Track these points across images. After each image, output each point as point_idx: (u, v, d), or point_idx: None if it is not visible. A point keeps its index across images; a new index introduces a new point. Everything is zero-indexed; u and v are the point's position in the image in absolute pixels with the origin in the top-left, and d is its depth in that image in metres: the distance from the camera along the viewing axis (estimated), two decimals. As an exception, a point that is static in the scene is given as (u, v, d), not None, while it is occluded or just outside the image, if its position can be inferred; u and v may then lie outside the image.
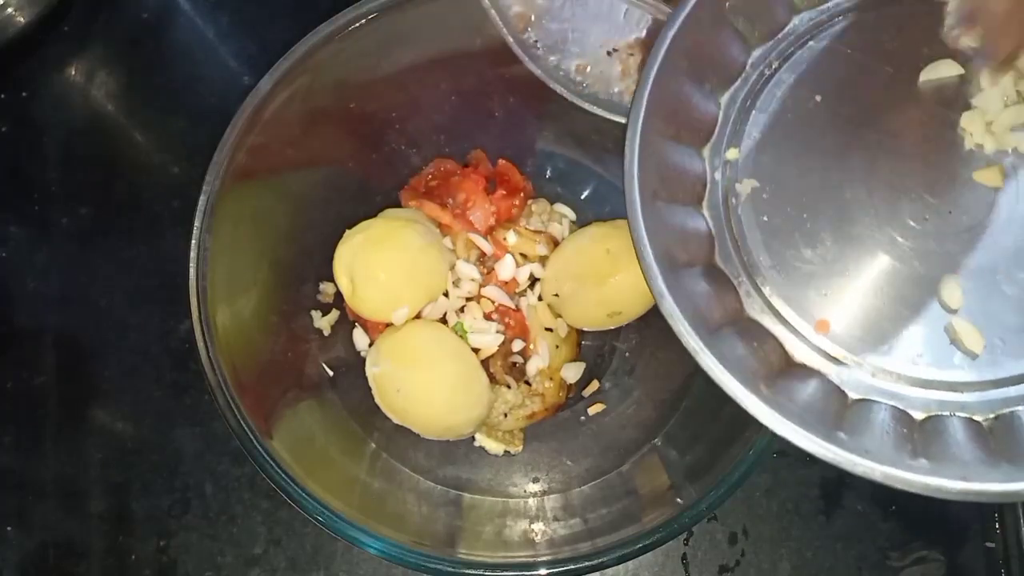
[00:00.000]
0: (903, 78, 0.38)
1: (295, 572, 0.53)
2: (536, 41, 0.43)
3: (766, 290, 0.37)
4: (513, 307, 0.51)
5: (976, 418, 0.34)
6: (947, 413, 0.35)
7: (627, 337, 0.55)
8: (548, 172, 0.57)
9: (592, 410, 0.53)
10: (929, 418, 0.35)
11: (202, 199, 0.44)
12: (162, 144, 0.62)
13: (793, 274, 0.37)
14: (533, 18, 0.43)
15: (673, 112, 0.38)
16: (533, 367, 0.51)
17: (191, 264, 0.43)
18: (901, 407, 0.35)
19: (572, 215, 0.56)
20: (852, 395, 0.36)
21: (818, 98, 0.39)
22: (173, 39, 0.63)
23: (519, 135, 0.56)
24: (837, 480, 0.54)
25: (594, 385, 0.54)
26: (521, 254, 0.53)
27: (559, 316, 0.52)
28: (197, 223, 0.44)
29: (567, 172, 0.57)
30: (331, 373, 0.52)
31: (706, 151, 0.40)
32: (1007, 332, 0.35)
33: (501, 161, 0.55)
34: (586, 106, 0.43)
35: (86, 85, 0.62)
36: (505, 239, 0.52)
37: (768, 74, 0.40)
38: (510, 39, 0.42)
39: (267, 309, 0.50)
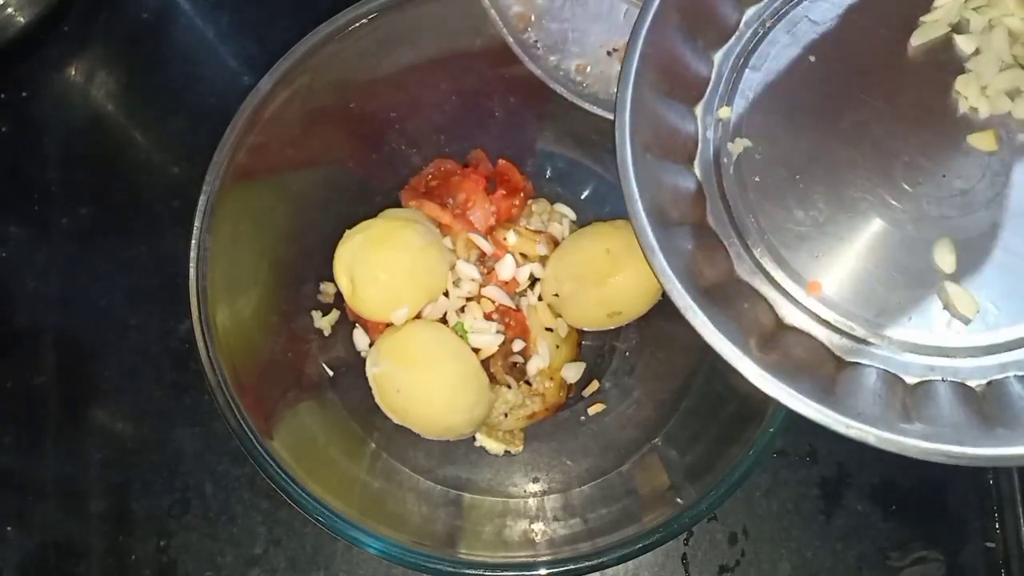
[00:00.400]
0: (899, 40, 0.38)
1: (295, 572, 0.53)
2: (536, 41, 0.43)
3: (757, 251, 0.37)
4: (513, 307, 0.51)
5: (969, 383, 0.34)
6: (939, 378, 0.35)
7: (627, 337, 0.55)
8: (548, 172, 0.57)
9: (592, 410, 0.53)
10: (921, 383, 0.35)
11: (202, 199, 0.44)
12: (162, 144, 0.62)
13: (785, 235, 0.37)
14: (533, 18, 0.43)
15: (665, 68, 0.38)
16: (533, 367, 0.51)
17: (191, 264, 0.43)
18: (893, 371, 0.35)
19: (572, 215, 0.56)
20: (844, 358, 0.35)
21: (812, 58, 0.39)
22: (173, 39, 0.63)
23: (519, 135, 0.56)
24: (837, 480, 0.54)
25: (594, 385, 0.54)
26: (521, 254, 0.53)
27: (559, 316, 0.52)
28: (197, 223, 0.44)
29: (567, 172, 0.57)
30: (331, 373, 0.52)
31: (698, 109, 0.39)
32: (1000, 297, 0.35)
33: (501, 161, 0.55)
34: (586, 106, 0.43)
35: (86, 85, 0.62)
36: (505, 239, 0.52)
37: (762, 33, 0.40)
38: (510, 39, 0.42)
39: (267, 309, 0.50)
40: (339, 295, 0.51)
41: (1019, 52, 0.37)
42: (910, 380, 0.35)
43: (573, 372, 0.52)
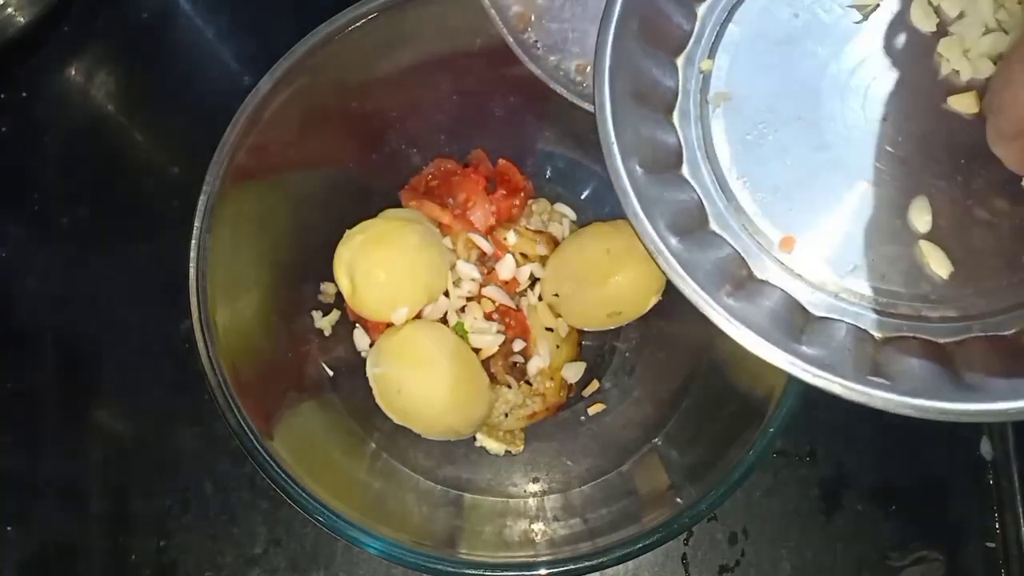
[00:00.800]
0: (883, 1, 0.38)
1: (295, 572, 0.53)
2: (536, 41, 0.43)
3: (732, 203, 0.37)
4: (514, 307, 0.51)
5: (939, 341, 0.34)
6: (910, 335, 0.34)
7: (627, 337, 0.55)
8: (548, 172, 0.57)
9: (592, 410, 0.53)
10: (891, 339, 0.34)
11: (202, 199, 0.44)
12: (162, 144, 0.62)
13: (760, 189, 0.37)
14: (533, 18, 0.43)
15: (648, 17, 0.37)
16: (534, 367, 0.51)
17: (191, 264, 0.44)
18: (863, 327, 0.35)
19: (572, 215, 0.56)
20: (815, 312, 0.35)
21: (796, 15, 0.38)
22: (173, 39, 0.63)
23: (519, 135, 0.56)
24: (837, 480, 0.54)
25: (594, 385, 0.54)
26: (521, 254, 0.53)
27: (559, 316, 0.52)
28: (197, 223, 0.44)
29: (567, 172, 0.57)
30: (331, 373, 0.52)
31: (680, 60, 0.39)
32: (975, 256, 0.35)
33: (501, 161, 0.55)
34: (586, 106, 0.43)
35: (86, 85, 0.62)
36: (505, 239, 0.53)
37: None
38: (510, 39, 0.42)
39: (267, 309, 0.50)
40: (340, 295, 0.51)
41: (1003, 17, 0.37)
42: (880, 336, 0.35)
43: (574, 372, 0.52)
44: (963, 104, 0.36)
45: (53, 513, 0.54)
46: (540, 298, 0.52)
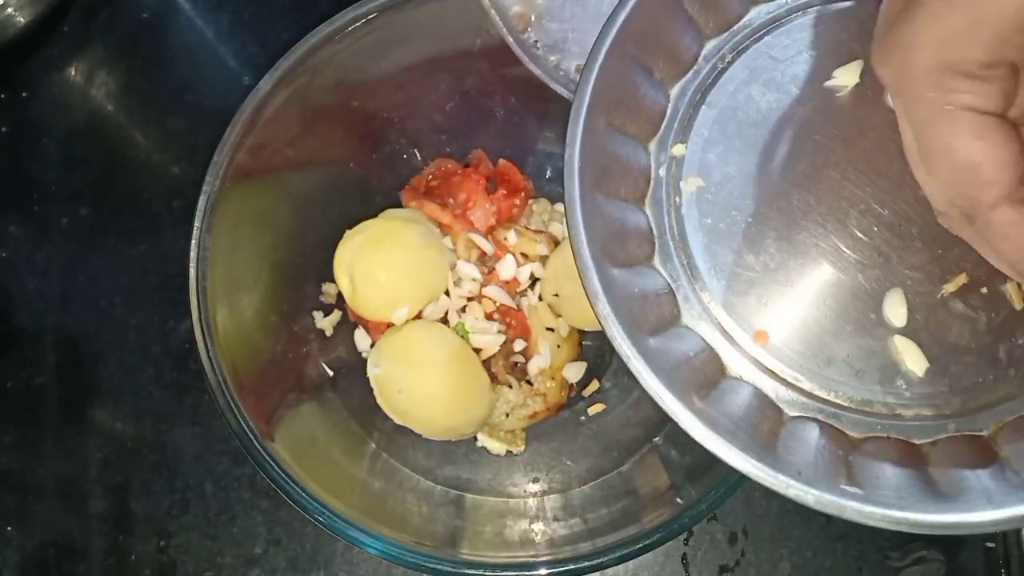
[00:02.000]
0: (861, 80, 0.37)
1: (295, 572, 0.53)
2: (536, 41, 0.43)
3: (705, 296, 0.36)
4: (514, 307, 0.51)
5: (915, 441, 0.33)
6: (885, 435, 0.34)
7: (627, 337, 0.55)
8: (549, 172, 0.57)
9: (592, 410, 0.53)
10: (867, 439, 0.34)
11: (202, 199, 0.44)
12: (162, 144, 0.62)
13: (734, 281, 0.35)
14: (533, 18, 0.43)
15: (620, 101, 0.36)
16: (535, 367, 0.51)
17: (191, 264, 0.43)
18: (838, 426, 0.34)
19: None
20: (788, 411, 0.34)
21: (770, 97, 0.37)
22: (173, 39, 0.63)
23: (520, 135, 0.56)
24: (837, 480, 0.54)
25: (594, 385, 0.54)
26: (522, 254, 0.53)
27: (560, 316, 0.52)
28: (197, 223, 0.44)
29: (567, 172, 0.57)
30: (331, 373, 0.52)
31: (652, 145, 0.38)
32: (950, 352, 0.34)
33: (502, 161, 0.55)
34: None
35: (86, 85, 0.62)
36: (506, 239, 0.52)
37: (721, 68, 0.38)
38: (510, 39, 0.42)
39: (267, 309, 0.50)
40: (341, 296, 0.51)
41: None
42: (855, 435, 0.34)
43: (574, 372, 0.52)
44: None
45: (53, 513, 0.54)
46: (540, 298, 0.52)
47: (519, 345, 0.51)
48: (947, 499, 0.30)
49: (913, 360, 0.34)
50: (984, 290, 0.34)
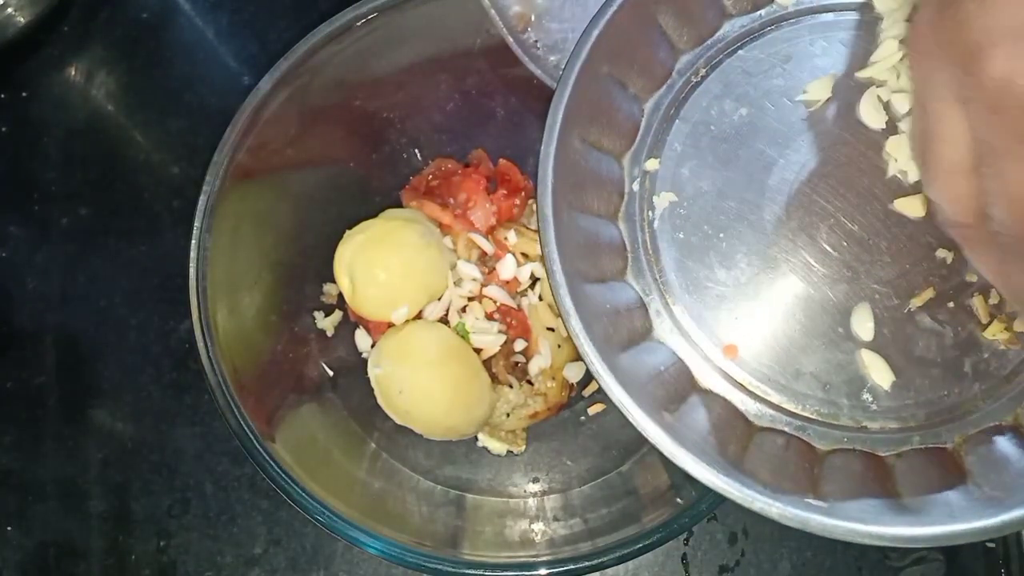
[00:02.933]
0: (833, 95, 0.37)
1: (295, 572, 0.53)
2: (536, 41, 0.43)
3: (676, 310, 0.36)
4: (515, 307, 0.51)
5: (880, 454, 0.34)
6: (851, 447, 0.34)
7: (627, 337, 0.55)
8: (548, 172, 0.57)
9: (592, 410, 0.53)
10: (833, 451, 0.34)
11: (202, 199, 0.44)
12: (162, 144, 0.62)
13: (705, 295, 0.36)
14: (533, 18, 0.43)
15: (594, 116, 0.37)
16: (535, 366, 0.51)
17: (191, 264, 0.43)
18: (805, 438, 0.34)
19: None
20: (757, 423, 0.35)
21: (743, 111, 0.38)
22: (173, 39, 0.63)
23: (520, 135, 0.56)
24: (837, 480, 0.54)
25: (594, 385, 0.54)
26: (522, 253, 0.53)
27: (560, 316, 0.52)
28: (197, 223, 0.44)
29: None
30: (331, 373, 0.52)
31: (625, 160, 0.38)
32: (918, 367, 0.34)
33: (502, 160, 0.55)
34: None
35: (86, 85, 0.62)
36: (506, 238, 0.52)
37: (695, 82, 0.39)
38: (510, 39, 0.42)
39: (268, 309, 0.50)
40: (342, 296, 0.51)
41: None
42: (822, 447, 0.34)
43: (575, 371, 0.52)
44: (909, 207, 0.35)
45: (53, 513, 0.54)
46: (541, 298, 0.52)
47: (520, 345, 0.51)
48: (911, 512, 0.30)
49: (880, 374, 0.34)
50: (951, 304, 0.35)
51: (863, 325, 0.35)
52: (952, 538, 0.29)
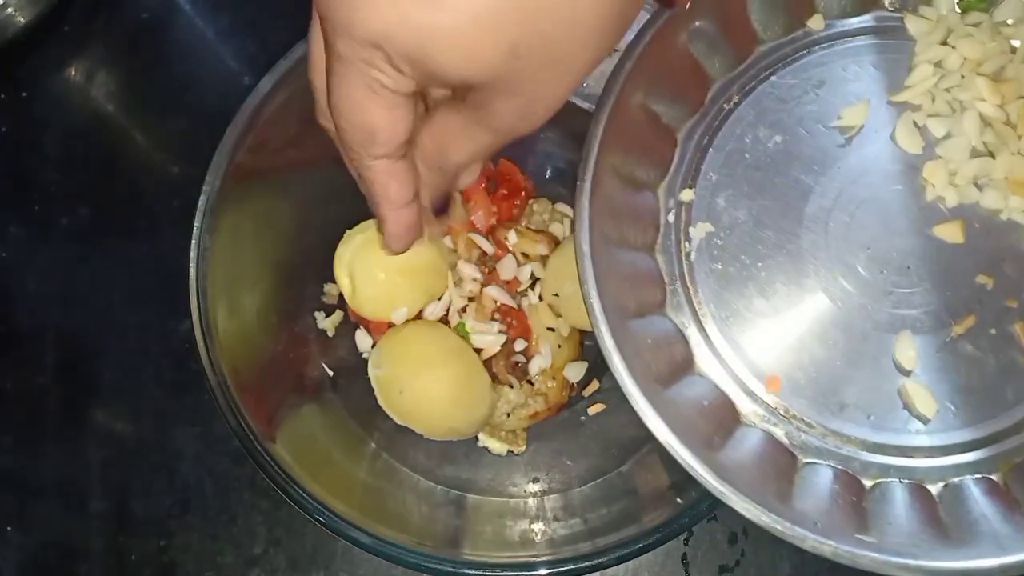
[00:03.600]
0: (868, 121, 0.37)
1: (295, 572, 0.53)
2: (536, 41, 0.43)
3: (716, 342, 0.36)
4: (515, 307, 0.51)
5: (926, 486, 0.33)
6: (897, 479, 0.34)
7: (627, 337, 0.55)
8: (549, 172, 0.57)
9: (592, 410, 0.53)
10: (878, 484, 0.34)
11: (202, 199, 0.44)
12: (162, 144, 0.62)
13: (745, 327, 0.36)
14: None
15: (628, 147, 0.36)
16: (536, 366, 0.51)
17: (191, 264, 0.43)
18: (851, 471, 0.34)
19: (573, 214, 0.56)
20: (801, 458, 0.34)
21: (778, 138, 0.37)
22: (173, 39, 0.63)
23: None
24: (837, 480, 0.54)
25: (594, 385, 0.54)
26: (522, 253, 0.53)
27: (560, 316, 0.52)
28: (197, 223, 0.44)
29: (568, 171, 0.57)
30: (331, 374, 0.52)
31: (660, 191, 0.38)
32: (961, 395, 0.34)
33: (502, 161, 0.55)
34: (586, 106, 0.43)
35: (86, 85, 0.62)
36: (506, 239, 0.52)
37: (728, 109, 0.38)
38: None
39: (268, 309, 0.50)
40: (342, 296, 0.51)
41: (989, 139, 0.35)
42: (867, 481, 0.34)
43: (576, 371, 0.52)
44: (949, 233, 0.35)
45: (53, 513, 0.54)
46: (541, 298, 0.52)
47: (520, 345, 0.51)
48: (959, 544, 0.30)
49: (923, 403, 0.34)
50: (992, 331, 0.34)
51: (905, 354, 0.34)
52: (1003, 571, 0.29)
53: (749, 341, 0.36)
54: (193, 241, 0.44)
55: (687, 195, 0.38)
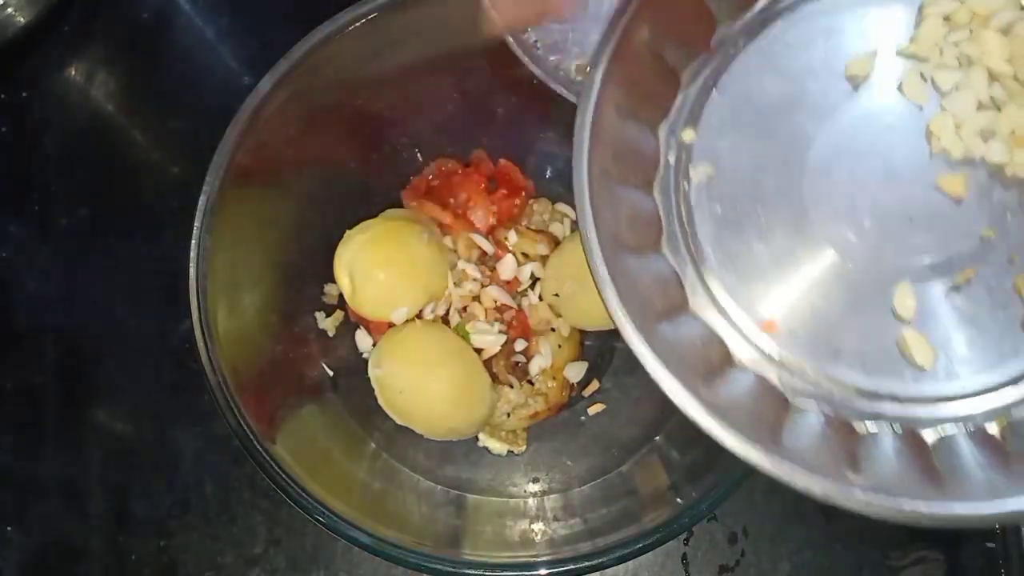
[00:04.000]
0: (874, 70, 0.36)
1: (295, 572, 0.53)
2: (536, 41, 0.43)
3: (712, 284, 0.35)
4: (515, 307, 0.51)
5: (920, 434, 0.33)
6: (890, 426, 0.33)
7: (627, 337, 0.55)
8: (549, 172, 0.57)
9: (592, 410, 0.53)
10: (871, 431, 0.33)
11: (202, 199, 0.44)
12: (162, 144, 0.62)
13: (742, 269, 0.35)
14: (534, 18, 0.43)
15: (630, 84, 0.36)
16: (536, 367, 0.51)
17: (191, 264, 0.43)
18: (844, 416, 0.34)
19: (573, 214, 0.56)
20: (794, 401, 0.34)
21: (783, 85, 0.37)
22: (173, 39, 0.63)
23: (520, 135, 0.56)
24: (837, 480, 0.53)
25: (594, 385, 0.54)
26: (523, 253, 0.53)
27: (560, 316, 0.52)
28: (197, 223, 0.44)
29: (568, 171, 0.56)
30: (331, 374, 0.52)
31: (662, 130, 0.37)
32: (959, 346, 0.34)
33: (502, 161, 0.55)
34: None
35: (86, 85, 0.62)
36: (506, 239, 0.53)
37: (733, 53, 0.37)
38: (510, 39, 0.42)
39: (268, 309, 0.50)
40: (343, 296, 0.51)
41: (997, 93, 0.35)
42: (860, 427, 0.33)
43: (576, 371, 0.52)
44: (952, 186, 0.35)
45: (53, 513, 0.54)
46: (541, 298, 0.52)
47: (520, 345, 0.51)
48: (951, 491, 0.30)
49: (921, 352, 0.33)
50: (993, 284, 0.34)
51: (904, 303, 0.34)
52: (996, 519, 0.29)
53: (745, 284, 0.35)
54: (193, 241, 0.44)
55: (688, 135, 0.37)
